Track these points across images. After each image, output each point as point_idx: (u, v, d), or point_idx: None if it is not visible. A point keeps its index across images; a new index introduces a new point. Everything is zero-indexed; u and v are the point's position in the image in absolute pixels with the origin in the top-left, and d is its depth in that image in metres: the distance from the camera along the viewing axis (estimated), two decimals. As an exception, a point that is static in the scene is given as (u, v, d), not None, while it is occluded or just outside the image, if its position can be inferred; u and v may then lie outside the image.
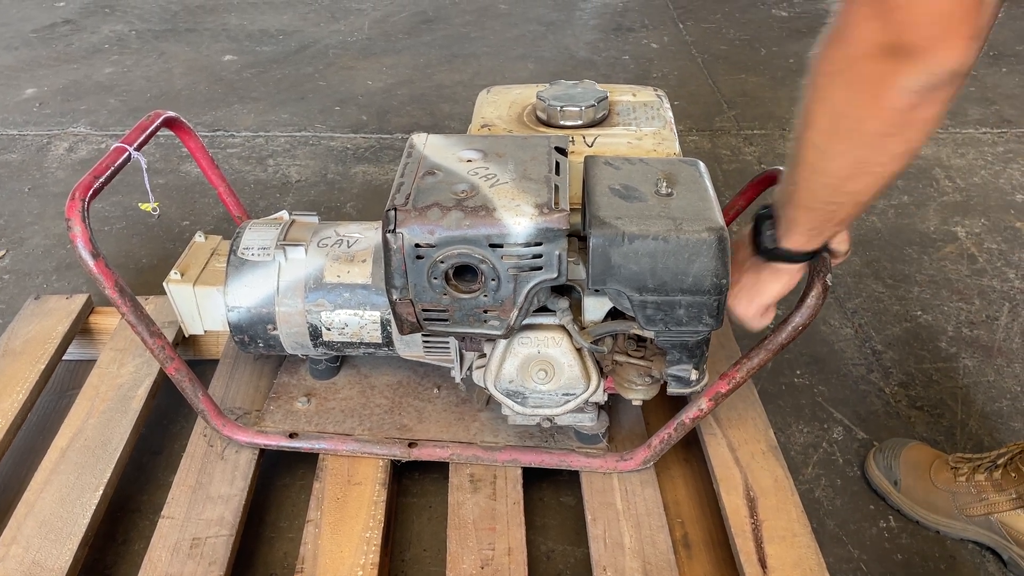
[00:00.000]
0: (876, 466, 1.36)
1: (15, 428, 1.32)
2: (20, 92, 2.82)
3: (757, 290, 1.02)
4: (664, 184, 1.02)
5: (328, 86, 2.88)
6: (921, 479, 1.30)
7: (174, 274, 1.32)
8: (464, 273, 1.03)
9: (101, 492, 1.21)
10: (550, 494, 1.35)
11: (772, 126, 2.58)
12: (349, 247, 1.27)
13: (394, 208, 0.98)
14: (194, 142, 1.38)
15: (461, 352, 1.22)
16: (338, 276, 1.24)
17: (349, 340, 1.27)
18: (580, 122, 1.28)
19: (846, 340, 1.69)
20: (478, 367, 1.20)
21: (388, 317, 1.23)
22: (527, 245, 0.98)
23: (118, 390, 1.38)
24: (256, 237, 1.28)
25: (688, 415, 1.16)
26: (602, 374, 1.17)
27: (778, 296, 1.02)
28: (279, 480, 1.38)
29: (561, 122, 1.28)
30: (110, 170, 1.11)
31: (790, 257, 0.97)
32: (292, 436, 1.29)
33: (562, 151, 1.11)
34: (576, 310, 1.11)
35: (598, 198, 1.02)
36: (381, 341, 1.26)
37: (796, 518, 1.17)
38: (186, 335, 1.40)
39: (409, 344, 1.26)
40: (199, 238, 1.41)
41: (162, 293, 1.38)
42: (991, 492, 1.23)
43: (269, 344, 1.29)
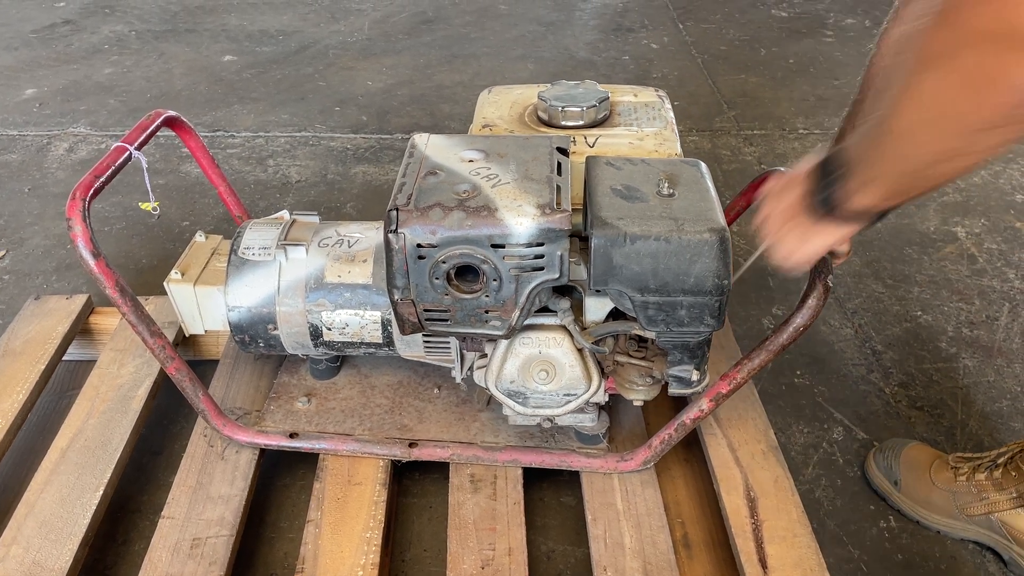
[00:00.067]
0: (876, 466, 1.36)
1: (15, 428, 1.32)
2: (20, 92, 2.82)
3: (805, 239, 0.93)
4: (666, 184, 1.02)
5: (328, 86, 2.88)
6: (921, 479, 1.30)
7: (175, 274, 1.32)
8: (466, 273, 1.03)
9: (101, 492, 1.21)
10: (550, 494, 1.35)
11: (772, 126, 2.58)
12: (350, 247, 1.27)
13: (396, 208, 0.98)
14: (195, 142, 1.38)
15: (462, 352, 1.22)
16: (339, 276, 1.24)
17: (350, 340, 1.27)
18: (581, 122, 1.28)
19: (846, 340, 1.69)
20: (479, 367, 1.20)
21: (389, 317, 1.23)
22: (529, 245, 0.98)
23: (118, 390, 1.38)
24: (257, 237, 1.28)
25: (689, 415, 1.16)
26: (603, 374, 1.17)
27: (825, 250, 0.94)
28: (279, 480, 1.38)
29: (562, 122, 1.28)
30: (111, 170, 1.10)
31: (856, 216, 0.87)
32: (292, 436, 1.29)
33: (564, 151, 1.11)
34: (577, 310, 1.11)
35: (600, 198, 1.02)
36: (382, 341, 1.26)
37: (796, 518, 1.17)
38: (186, 335, 1.40)
39: (410, 344, 1.26)
40: (199, 238, 1.41)
41: (162, 293, 1.38)
42: (991, 491, 1.23)
43: (270, 344, 1.29)
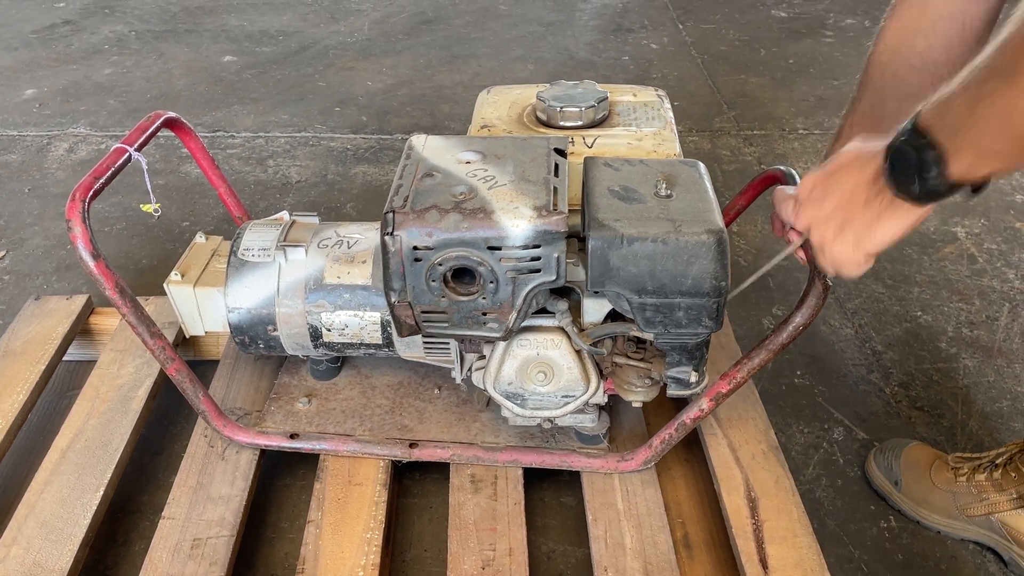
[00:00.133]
0: (876, 466, 1.36)
1: (15, 429, 1.32)
2: (20, 93, 2.82)
3: (872, 230, 0.83)
4: (664, 186, 1.02)
5: (328, 87, 2.88)
6: (921, 479, 1.30)
7: (175, 275, 1.32)
8: (462, 275, 1.03)
9: (102, 493, 1.21)
10: (551, 495, 1.35)
11: (772, 127, 2.57)
12: (349, 248, 1.27)
13: (392, 210, 0.98)
14: (194, 143, 1.38)
15: (461, 353, 1.22)
16: (338, 277, 1.24)
17: (349, 341, 1.27)
18: (580, 123, 1.28)
19: (846, 340, 1.69)
20: (478, 368, 1.20)
21: (388, 318, 1.23)
22: (525, 247, 0.98)
23: (118, 391, 1.39)
24: (256, 238, 1.28)
25: (689, 415, 1.16)
26: (602, 376, 1.17)
27: (893, 241, 0.84)
28: (280, 481, 1.38)
29: (561, 123, 1.28)
30: (111, 171, 1.10)
31: (948, 190, 0.76)
32: (293, 437, 1.29)
33: (561, 152, 1.11)
34: (575, 312, 1.11)
35: (597, 200, 1.02)
36: (381, 342, 1.27)
37: (797, 518, 1.17)
38: (186, 336, 1.40)
39: (409, 345, 1.26)
40: (199, 239, 1.41)
41: (162, 294, 1.39)
42: (991, 492, 1.23)
43: (270, 345, 1.29)
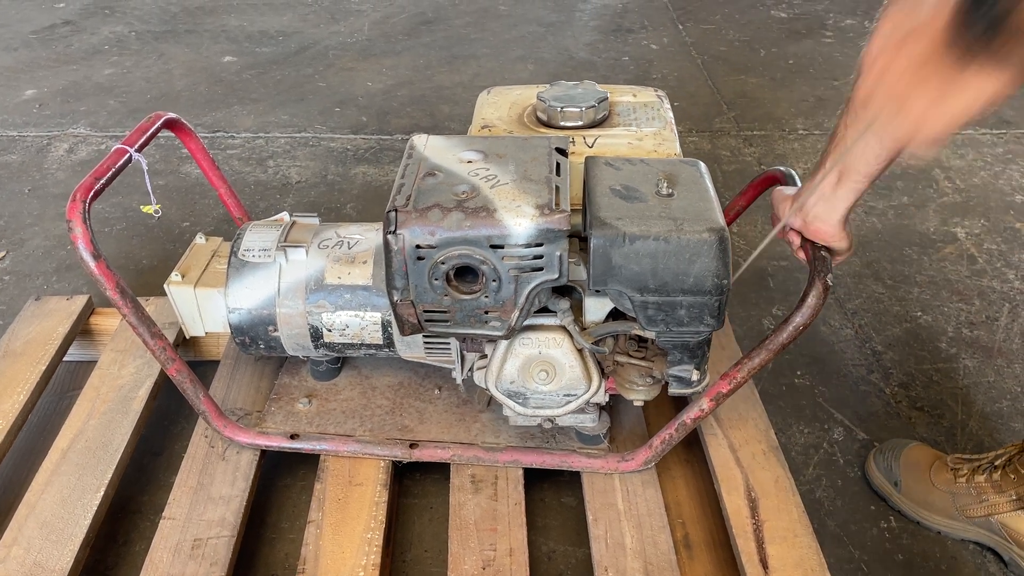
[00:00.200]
0: (876, 467, 1.36)
1: (16, 429, 1.32)
2: (20, 93, 2.82)
3: (949, 91, 0.76)
4: (665, 184, 1.02)
5: (328, 87, 2.88)
6: (921, 480, 1.30)
7: (175, 275, 1.32)
8: (465, 274, 1.03)
9: (102, 493, 1.21)
10: (551, 495, 1.35)
11: (772, 127, 2.58)
12: (350, 248, 1.27)
13: (395, 209, 0.99)
14: (195, 143, 1.38)
15: (462, 353, 1.22)
16: (339, 277, 1.24)
17: (350, 341, 1.27)
18: (580, 123, 1.28)
19: (846, 341, 1.69)
20: (479, 368, 1.20)
21: (389, 318, 1.23)
22: (528, 246, 0.98)
23: (119, 391, 1.38)
24: (257, 238, 1.28)
25: (689, 415, 1.16)
26: (603, 375, 1.17)
27: (984, 102, 0.75)
28: (280, 481, 1.38)
29: (561, 123, 1.28)
30: (111, 171, 1.11)
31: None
32: (293, 437, 1.29)
33: (562, 152, 1.11)
34: (577, 311, 1.11)
35: (599, 199, 1.02)
36: (382, 342, 1.27)
37: (797, 518, 1.17)
38: (187, 336, 1.40)
39: (410, 345, 1.26)
40: (200, 239, 1.41)
41: (162, 294, 1.38)
42: (991, 493, 1.23)
43: (270, 345, 1.29)
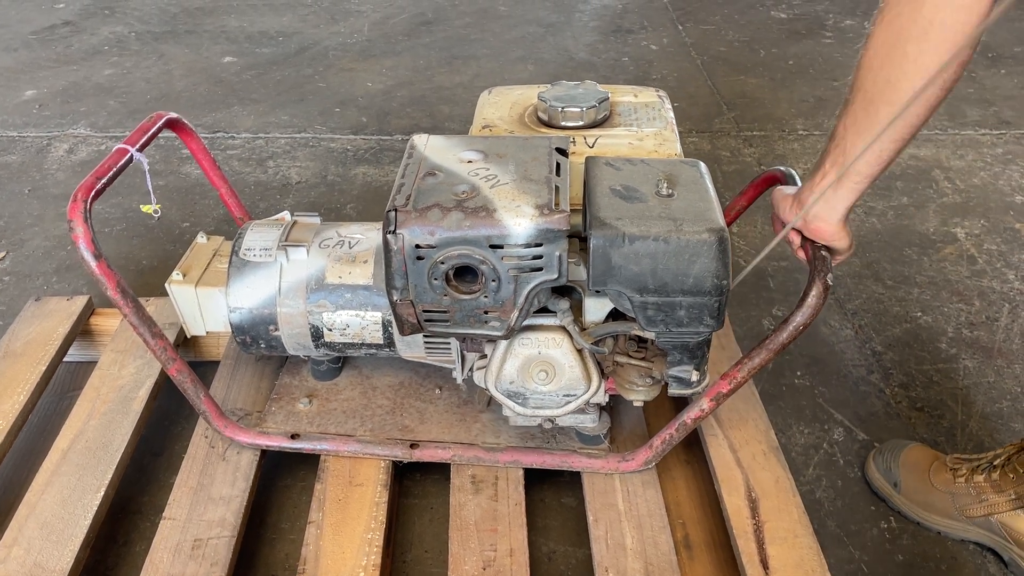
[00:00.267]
0: (876, 468, 1.36)
1: (16, 430, 1.32)
2: (20, 94, 2.82)
3: None
4: (665, 185, 1.02)
5: (328, 88, 2.88)
6: (920, 480, 1.30)
7: (176, 275, 1.32)
8: (465, 274, 1.03)
9: (102, 493, 1.21)
10: (551, 495, 1.35)
11: (771, 127, 2.58)
12: (351, 248, 1.27)
13: (395, 209, 0.99)
14: (196, 144, 1.38)
15: (462, 353, 1.22)
16: (340, 277, 1.24)
17: (351, 341, 1.27)
18: (581, 123, 1.28)
19: (846, 341, 1.70)
20: (479, 368, 1.20)
21: (390, 318, 1.23)
22: (527, 246, 0.98)
23: (119, 391, 1.38)
24: (258, 238, 1.28)
25: (690, 415, 1.16)
26: (603, 375, 1.17)
27: None
28: (280, 481, 1.38)
29: (562, 123, 1.28)
30: (112, 171, 1.11)
31: None
32: (294, 437, 1.29)
33: (563, 152, 1.11)
34: (577, 311, 1.11)
35: (599, 199, 1.02)
36: (383, 342, 1.27)
37: (797, 519, 1.17)
38: (188, 336, 1.40)
39: (411, 345, 1.26)
40: (201, 239, 1.41)
41: (163, 295, 1.39)
42: (990, 493, 1.23)
43: (271, 345, 1.29)
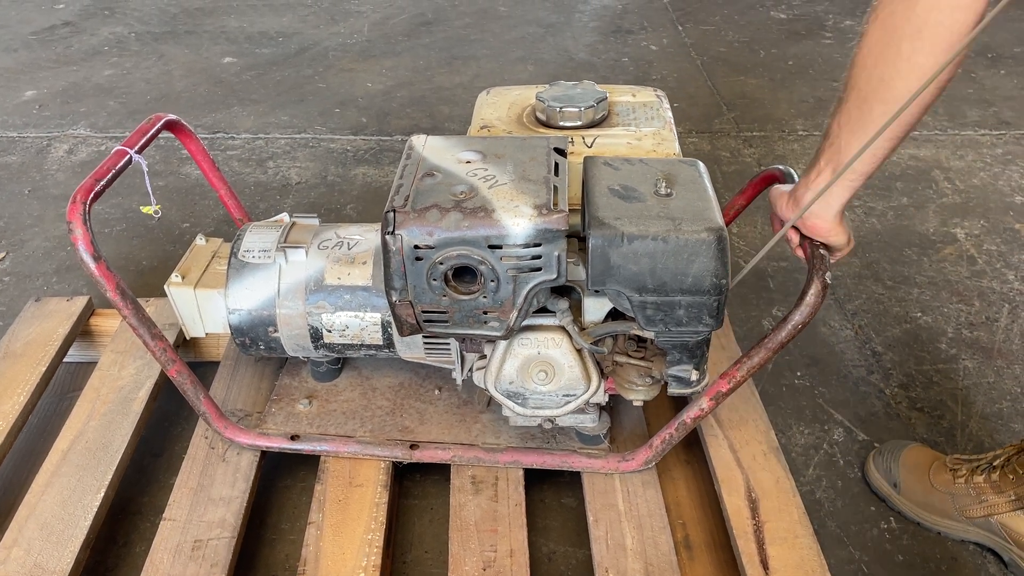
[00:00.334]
0: (876, 468, 1.36)
1: (16, 430, 1.32)
2: (20, 94, 2.82)
3: None
4: (663, 184, 1.02)
5: (328, 88, 2.88)
6: (920, 481, 1.30)
7: (175, 276, 1.32)
8: (463, 274, 1.03)
9: (102, 494, 1.21)
10: (551, 495, 1.35)
11: (771, 128, 2.58)
12: (349, 249, 1.27)
13: (393, 210, 0.99)
14: (195, 145, 1.38)
15: (462, 353, 1.22)
16: (339, 278, 1.24)
17: (350, 342, 1.27)
18: (579, 123, 1.28)
19: (846, 342, 1.69)
20: (479, 368, 1.20)
21: (389, 319, 1.23)
22: (526, 246, 0.98)
23: (119, 392, 1.38)
24: (257, 239, 1.28)
25: (689, 415, 1.16)
26: (602, 375, 1.17)
27: None
28: (280, 482, 1.38)
29: (561, 123, 1.28)
30: (111, 173, 1.11)
31: None
32: (294, 438, 1.29)
33: (561, 152, 1.11)
34: (576, 311, 1.11)
35: (597, 199, 1.02)
36: (382, 343, 1.27)
37: (798, 519, 1.17)
38: (187, 337, 1.40)
39: (410, 346, 1.26)
40: (200, 240, 1.41)
41: (162, 295, 1.39)
42: (990, 494, 1.23)
43: (270, 346, 1.29)
